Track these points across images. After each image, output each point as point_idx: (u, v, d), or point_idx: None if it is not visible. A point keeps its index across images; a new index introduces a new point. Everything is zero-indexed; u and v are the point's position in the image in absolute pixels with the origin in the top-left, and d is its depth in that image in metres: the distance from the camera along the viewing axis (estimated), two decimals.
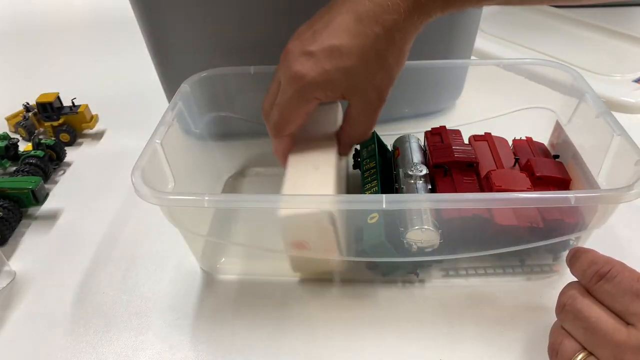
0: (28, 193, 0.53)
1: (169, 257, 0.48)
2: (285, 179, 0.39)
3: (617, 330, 0.27)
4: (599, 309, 0.28)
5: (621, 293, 0.28)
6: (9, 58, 1.00)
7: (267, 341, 0.40)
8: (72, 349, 0.40)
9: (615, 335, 0.27)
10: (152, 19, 0.55)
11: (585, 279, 0.30)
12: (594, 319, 0.28)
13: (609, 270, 0.29)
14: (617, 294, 0.28)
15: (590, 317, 0.28)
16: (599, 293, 0.29)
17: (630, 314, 0.27)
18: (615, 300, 0.28)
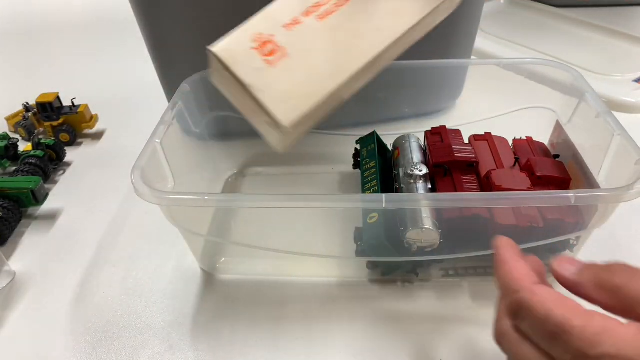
0: (28, 193, 0.53)
1: (169, 257, 0.48)
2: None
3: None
4: (526, 350, 0.22)
5: (539, 335, 0.22)
6: (9, 58, 1.00)
7: (266, 341, 0.40)
8: (72, 349, 0.40)
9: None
10: (152, 19, 0.55)
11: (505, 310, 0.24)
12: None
13: (517, 304, 0.23)
14: (534, 335, 0.22)
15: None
16: (523, 331, 0.23)
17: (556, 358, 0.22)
18: (538, 341, 0.22)
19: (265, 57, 0.24)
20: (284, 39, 0.25)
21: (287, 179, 0.59)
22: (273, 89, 0.24)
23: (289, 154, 0.62)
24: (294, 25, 0.25)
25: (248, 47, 0.25)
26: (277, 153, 0.62)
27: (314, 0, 0.25)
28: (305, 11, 0.25)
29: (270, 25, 0.25)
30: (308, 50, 0.24)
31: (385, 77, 0.55)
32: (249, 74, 0.25)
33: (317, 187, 0.56)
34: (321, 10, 0.25)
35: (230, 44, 0.25)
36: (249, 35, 0.25)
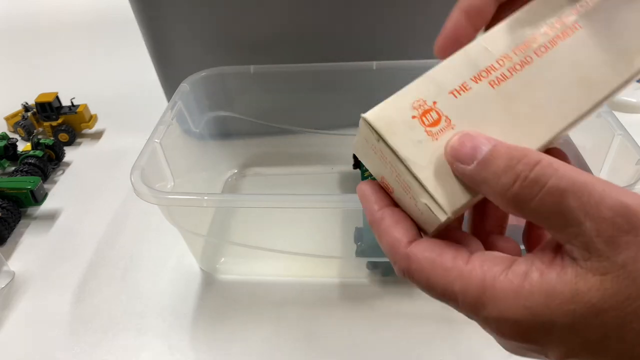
0: (27, 193, 0.53)
1: (169, 257, 0.48)
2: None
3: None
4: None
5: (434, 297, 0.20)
6: (8, 58, 1.00)
7: (266, 341, 0.39)
8: (71, 350, 0.40)
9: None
10: (151, 19, 0.55)
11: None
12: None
13: (401, 275, 0.21)
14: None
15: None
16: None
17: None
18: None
19: (428, 127, 0.20)
20: (450, 108, 0.21)
21: (287, 179, 0.58)
22: (435, 166, 0.20)
23: (289, 154, 0.62)
24: (462, 92, 0.21)
25: (408, 115, 0.21)
26: (277, 153, 0.62)
27: (486, 64, 0.21)
28: (476, 76, 0.21)
29: (434, 91, 0.21)
30: (478, 122, 0.20)
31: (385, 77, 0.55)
32: (407, 147, 0.20)
33: (317, 187, 0.56)
34: (494, 75, 0.21)
35: (386, 111, 0.21)
36: (409, 102, 0.21)
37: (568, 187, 0.16)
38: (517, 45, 0.22)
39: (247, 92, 0.56)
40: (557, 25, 0.22)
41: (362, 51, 0.57)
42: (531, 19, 0.22)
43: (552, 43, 0.22)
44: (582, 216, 0.15)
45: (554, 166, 0.16)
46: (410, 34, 0.58)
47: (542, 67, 0.21)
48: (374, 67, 0.51)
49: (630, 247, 0.15)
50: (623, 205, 0.15)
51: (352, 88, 0.58)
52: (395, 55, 0.55)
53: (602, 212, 0.15)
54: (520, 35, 0.22)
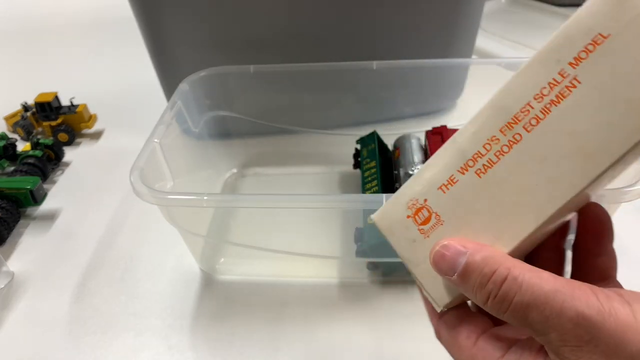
0: (26, 193, 0.53)
1: (168, 257, 0.48)
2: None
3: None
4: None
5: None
6: (7, 58, 1.00)
7: (266, 341, 0.39)
8: (71, 350, 0.40)
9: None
10: (151, 18, 0.55)
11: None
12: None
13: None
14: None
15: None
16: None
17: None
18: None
19: (420, 226, 0.21)
20: (439, 204, 0.21)
21: (287, 179, 0.58)
22: (427, 264, 0.21)
23: (289, 154, 0.62)
24: (450, 186, 0.21)
25: (404, 215, 0.22)
26: (277, 153, 0.62)
27: (473, 151, 0.20)
28: (462, 166, 0.21)
29: (425, 188, 0.21)
30: (464, 216, 0.20)
31: (385, 77, 0.55)
32: (403, 247, 0.22)
33: (317, 187, 0.56)
34: (480, 162, 0.20)
35: (386, 212, 0.22)
36: (405, 201, 0.22)
37: (530, 301, 0.17)
38: (504, 122, 0.20)
39: (247, 92, 0.56)
40: (551, 88, 0.19)
41: (362, 51, 0.57)
42: (522, 87, 0.19)
43: (544, 112, 0.19)
44: (546, 328, 0.17)
45: (517, 281, 0.17)
46: (410, 34, 0.58)
47: (531, 145, 0.19)
48: (374, 67, 0.51)
49: (592, 356, 0.16)
50: (581, 317, 0.16)
51: (352, 88, 0.58)
52: (395, 55, 0.55)
53: (564, 324, 0.16)
54: (509, 110, 0.20)
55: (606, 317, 0.16)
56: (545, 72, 0.19)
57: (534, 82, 0.19)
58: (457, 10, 0.58)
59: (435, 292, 0.21)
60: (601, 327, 0.16)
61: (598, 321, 0.16)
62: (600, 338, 0.16)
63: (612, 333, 0.16)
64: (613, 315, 0.16)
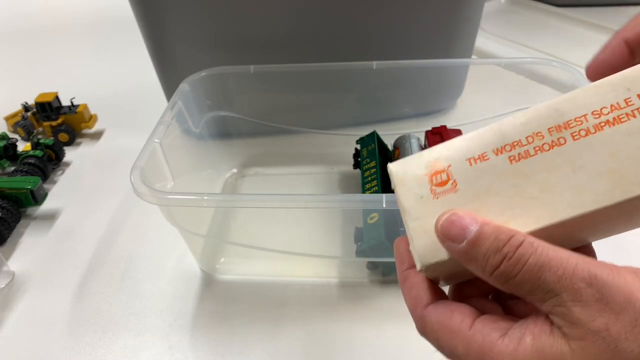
0: (27, 193, 0.53)
1: (168, 257, 0.48)
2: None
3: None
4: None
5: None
6: (8, 58, 1.00)
7: (266, 341, 0.39)
8: (71, 350, 0.40)
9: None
10: (151, 19, 0.55)
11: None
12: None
13: (419, 332, 0.22)
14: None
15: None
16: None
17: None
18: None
19: (434, 186, 0.22)
20: (460, 172, 0.21)
21: (287, 179, 0.58)
22: (423, 222, 0.21)
23: (289, 154, 0.62)
24: (479, 161, 0.21)
25: (422, 172, 0.22)
26: (277, 153, 0.62)
27: (514, 138, 0.21)
28: (499, 148, 0.21)
29: (453, 154, 0.22)
30: (481, 193, 0.21)
31: (385, 77, 0.55)
32: (408, 199, 0.22)
33: (317, 187, 0.56)
34: (517, 150, 0.21)
35: (406, 164, 0.23)
36: (426, 160, 0.22)
37: (545, 262, 0.17)
38: (555, 124, 0.21)
39: (247, 92, 0.56)
40: (612, 110, 0.20)
41: (362, 51, 0.57)
42: (584, 99, 0.20)
43: (596, 128, 0.20)
44: (558, 288, 0.17)
45: (533, 245, 0.18)
46: (410, 34, 0.58)
47: (572, 152, 0.20)
48: (374, 67, 0.51)
49: (602, 314, 0.17)
50: (593, 276, 0.17)
51: (352, 88, 0.58)
52: (396, 55, 0.55)
53: (575, 283, 0.17)
54: (564, 114, 0.20)
55: (616, 278, 0.17)
56: (612, 95, 0.20)
57: (597, 99, 0.20)
58: (457, 11, 0.58)
59: (422, 250, 0.21)
60: (611, 286, 0.17)
61: (608, 280, 0.17)
62: (609, 296, 0.16)
63: (621, 291, 0.16)
64: (622, 276, 0.17)
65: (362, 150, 0.51)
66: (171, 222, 0.39)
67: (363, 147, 0.52)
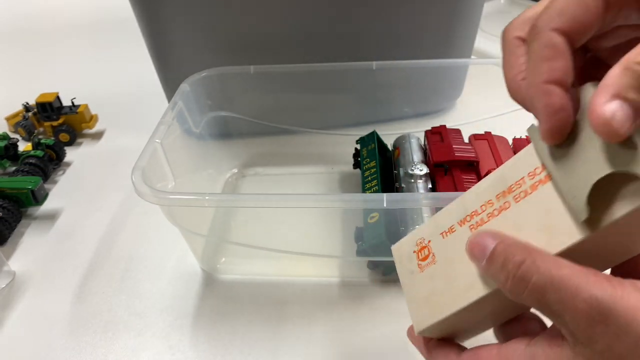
0: (27, 193, 0.53)
1: (169, 257, 0.48)
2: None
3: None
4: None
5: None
6: (9, 58, 1.00)
7: (267, 341, 0.39)
8: (72, 349, 0.40)
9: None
10: (152, 19, 0.55)
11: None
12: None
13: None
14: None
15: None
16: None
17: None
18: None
19: (419, 261, 0.25)
20: (437, 246, 0.25)
21: (287, 179, 0.59)
22: (416, 294, 0.25)
23: (289, 154, 0.62)
24: (449, 233, 0.24)
25: (412, 249, 0.26)
26: (277, 153, 0.62)
27: (472, 208, 0.23)
28: (462, 219, 0.24)
29: (432, 231, 0.25)
30: (451, 260, 0.24)
31: (385, 77, 0.55)
32: (404, 275, 0.26)
33: (317, 187, 0.56)
34: (475, 219, 0.23)
35: (402, 244, 0.27)
36: (416, 238, 0.26)
37: (547, 283, 0.18)
38: (501, 190, 0.22)
39: (247, 92, 0.56)
40: (543, 168, 0.21)
41: (362, 51, 0.57)
42: (521, 163, 0.22)
43: (532, 188, 0.21)
44: (562, 309, 0.17)
45: (536, 264, 0.18)
46: (409, 35, 0.58)
47: (515, 213, 0.21)
48: (374, 67, 0.52)
49: (604, 337, 0.17)
50: (594, 299, 0.17)
51: (352, 88, 0.58)
52: (395, 55, 0.55)
53: (578, 306, 0.17)
54: (507, 180, 0.22)
55: (617, 300, 0.17)
56: (533, 160, 0.21)
57: (530, 161, 0.21)
58: (457, 11, 0.58)
59: (418, 317, 0.25)
60: (612, 309, 0.16)
61: (610, 303, 0.17)
62: (611, 319, 0.16)
63: (623, 314, 0.16)
64: (625, 299, 0.17)
65: (362, 150, 0.52)
66: (172, 222, 0.39)
67: (363, 147, 0.52)
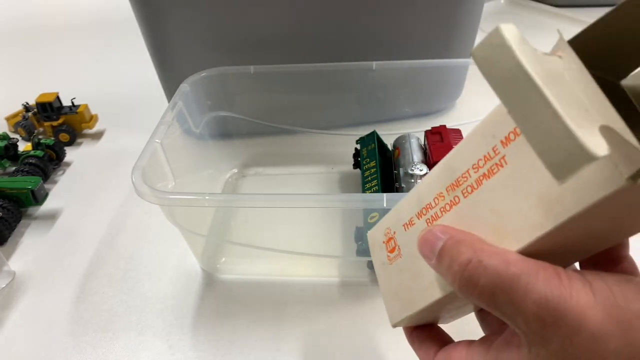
0: (27, 193, 0.53)
1: (169, 256, 0.48)
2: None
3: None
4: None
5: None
6: (9, 58, 1.00)
7: (267, 341, 0.39)
8: (72, 349, 0.40)
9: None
10: (152, 19, 0.55)
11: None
12: None
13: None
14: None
15: None
16: None
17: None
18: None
19: (388, 252, 0.24)
20: (401, 239, 0.23)
21: (287, 179, 0.59)
22: (388, 286, 0.24)
23: (289, 154, 0.62)
24: (410, 226, 0.23)
25: (382, 239, 0.25)
26: (277, 153, 0.62)
27: (426, 201, 0.21)
28: (419, 212, 0.22)
29: (395, 222, 0.24)
30: (414, 256, 0.22)
31: (385, 77, 0.55)
32: (378, 267, 0.25)
33: (317, 187, 0.56)
34: (430, 213, 0.21)
35: (375, 232, 0.25)
36: (384, 228, 0.25)
37: (496, 285, 0.17)
38: (450, 182, 0.20)
39: (247, 92, 0.56)
40: (485, 161, 0.18)
41: (362, 51, 0.57)
42: (467, 153, 0.19)
43: (478, 182, 0.19)
44: (513, 311, 0.17)
45: (483, 264, 0.17)
46: (409, 35, 0.58)
47: (464, 211, 0.19)
48: (374, 67, 0.52)
49: (556, 338, 0.16)
50: (543, 299, 0.16)
51: (352, 88, 0.58)
52: (395, 55, 0.55)
53: (528, 307, 0.16)
54: (454, 172, 0.20)
55: (567, 299, 0.16)
56: (483, 144, 0.18)
57: (475, 151, 0.19)
58: (457, 11, 0.58)
59: (390, 310, 0.24)
60: (563, 310, 0.16)
61: (560, 303, 0.16)
62: (562, 319, 0.16)
63: (574, 314, 0.16)
64: (574, 298, 0.16)
65: (362, 150, 0.52)
66: (172, 222, 0.39)
67: (363, 147, 0.52)
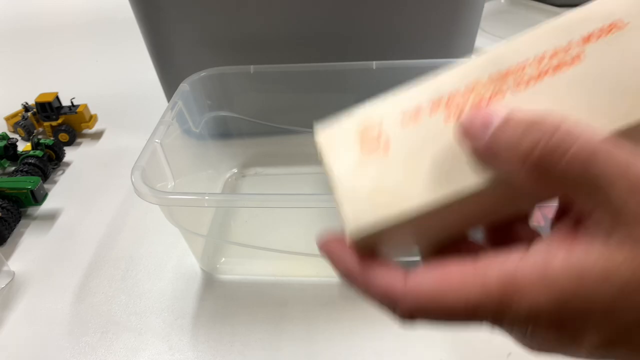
0: (27, 193, 0.53)
1: (169, 257, 0.48)
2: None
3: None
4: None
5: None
6: (8, 58, 1.00)
7: (266, 341, 0.39)
8: (71, 349, 0.40)
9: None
10: (152, 19, 0.55)
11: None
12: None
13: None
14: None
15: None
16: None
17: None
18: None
19: (364, 146, 0.20)
20: (394, 130, 0.19)
21: (287, 179, 0.58)
22: (354, 190, 0.19)
23: (289, 154, 0.62)
24: (413, 120, 0.19)
25: (353, 130, 0.21)
26: (277, 153, 0.62)
27: (450, 91, 0.19)
28: (435, 102, 0.19)
29: (387, 113, 0.20)
30: (414, 152, 0.18)
31: (385, 77, 0.55)
32: (336, 166, 0.21)
33: (317, 187, 0.56)
34: (452, 105, 0.19)
35: (336, 127, 0.21)
36: (359, 118, 0.21)
37: (595, 150, 0.14)
38: (495, 72, 0.18)
39: (247, 92, 0.56)
40: (553, 55, 0.18)
41: (362, 51, 0.57)
42: (524, 46, 0.18)
43: (539, 76, 0.18)
44: (612, 179, 0.14)
45: (573, 132, 0.15)
46: (410, 34, 0.58)
47: (512, 104, 0.17)
48: (374, 67, 0.52)
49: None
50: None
51: (352, 88, 0.58)
52: (395, 55, 0.55)
53: (630, 176, 0.14)
54: (504, 62, 0.18)
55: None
56: (553, 40, 0.18)
57: (538, 45, 0.18)
58: (457, 11, 0.58)
59: (354, 220, 0.19)
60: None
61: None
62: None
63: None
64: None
65: None
66: (172, 222, 0.39)
67: None
